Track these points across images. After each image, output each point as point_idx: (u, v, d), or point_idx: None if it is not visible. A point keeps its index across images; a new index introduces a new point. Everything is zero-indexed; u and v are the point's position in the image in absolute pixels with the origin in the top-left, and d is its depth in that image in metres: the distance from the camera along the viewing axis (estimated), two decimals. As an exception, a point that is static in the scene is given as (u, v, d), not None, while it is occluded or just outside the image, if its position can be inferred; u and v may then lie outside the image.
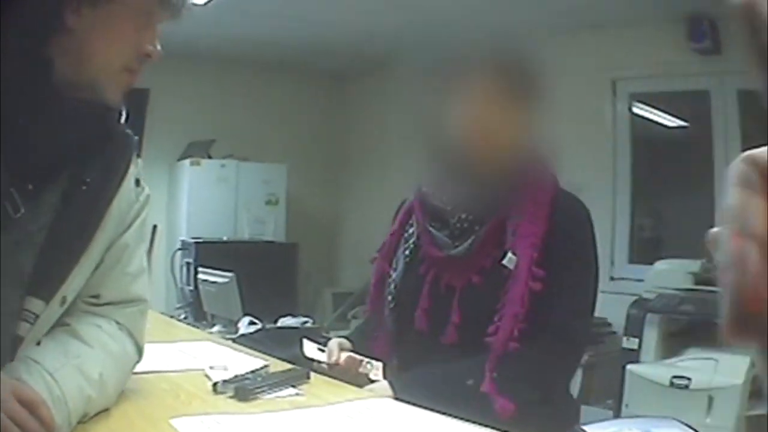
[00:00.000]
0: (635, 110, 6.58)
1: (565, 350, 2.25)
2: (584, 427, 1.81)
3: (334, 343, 2.46)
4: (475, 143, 2.25)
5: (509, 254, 2.18)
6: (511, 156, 2.26)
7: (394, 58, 7.76)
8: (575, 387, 5.60)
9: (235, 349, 2.58)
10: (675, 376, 4.71)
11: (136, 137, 1.84)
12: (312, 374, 2.12)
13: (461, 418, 1.76)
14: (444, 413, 1.80)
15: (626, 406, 4.95)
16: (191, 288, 6.59)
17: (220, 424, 1.63)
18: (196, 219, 7.57)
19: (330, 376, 2.23)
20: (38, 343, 1.61)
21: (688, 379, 4.65)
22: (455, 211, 2.32)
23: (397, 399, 2.02)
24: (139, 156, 1.84)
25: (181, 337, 2.83)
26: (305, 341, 2.50)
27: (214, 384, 1.91)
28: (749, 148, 0.51)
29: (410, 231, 2.49)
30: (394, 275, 2.48)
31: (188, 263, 6.93)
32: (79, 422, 1.57)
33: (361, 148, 8.92)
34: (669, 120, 6.74)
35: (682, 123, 6.76)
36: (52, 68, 1.60)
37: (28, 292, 1.59)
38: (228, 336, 4.33)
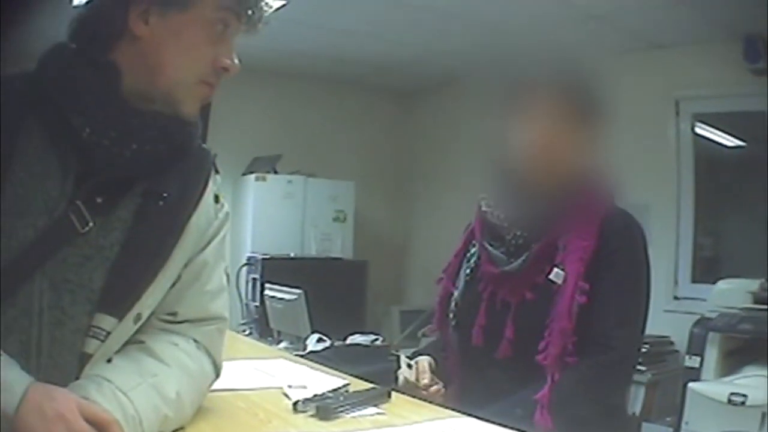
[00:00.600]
0: (697, 130, 6.52)
1: (613, 363, 2.25)
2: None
3: (424, 363, 2.49)
4: (536, 163, 2.31)
5: (556, 269, 2.23)
6: (570, 175, 2.32)
7: (462, 76, 7.81)
8: (637, 404, 5.60)
9: (312, 368, 2.51)
10: (732, 393, 4.67)
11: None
12: (393, 393, 2.05)
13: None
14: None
15: (686, 423, 4.93)
16: (257, 304, 6.56)
17: (302, 444, 1.57)
18: (261, 235, 7.53)
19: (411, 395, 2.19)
20: (109, 361, 1.56)
21: (744, 396, 4.61)
22: (511, 228, 2.37)
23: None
24: (217, 172, 1.80)
25: (251, 354, 2.79)
26: (402, 357, 2.52)
27: (295, 403, 1.85)
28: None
29: (472, 251, 2.55)
30: (455, 293, 2.53)
31: (254, 279, 6.87)
32: (154, 441, 1.52)
33: (429, 166, 8.88)
34: (728, 140, 6.68)
35: (740, 143, 6.70)
36: (118, 75, 1.58)
37: (99, 308, 1.54)
38: (295, 353, 4.29)
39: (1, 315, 1.46)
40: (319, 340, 4.98)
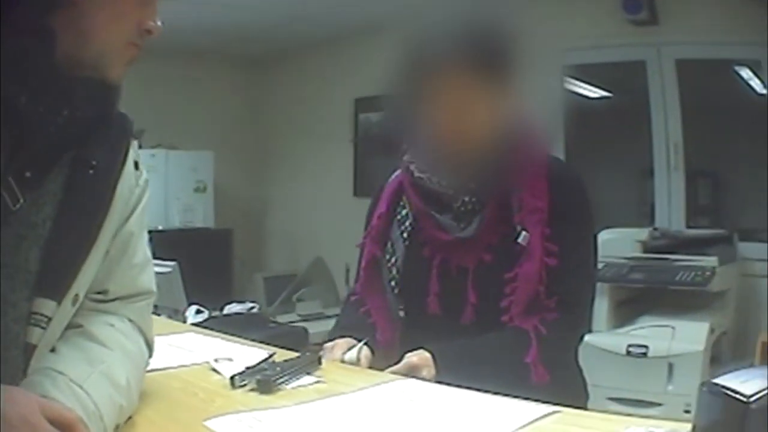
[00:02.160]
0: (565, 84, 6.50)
1: (580, 320, 2.30)
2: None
3: (368, 351, 2.27)
4: (460, 129, 2.19)
5: (524, 232, 2.16)
6: (498, 134, 2.21)
7: (315, 43, 7.77)
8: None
9: (226, 339, 2.45)
10: (631, 345, 4.70)
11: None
12: (323, 360, 2.04)
13: (493, 392, 1.73)
14: (476, 389, 1.76)
15: (584, 377, 4.93)
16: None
17: (262, 421, 1.53)
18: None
19: None
20: (53, 350, 1.46)
21: (646, 347, 4.64)
22: (458, 195, 2.27)
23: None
24: (135, 138, 1.72)
25: (158, 330, 2.69)
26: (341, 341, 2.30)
27: (232, 378, 1.80)
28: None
29: (403, 213, 2.42)
30: (393, 259, 2.40)
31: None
32: (109, 436, 1.43)
33: (285, 134, 8.94)
34: (591, 91, 6.78)
35: (605, 94, 6.82)
36: (54, 41, 1.47)
37: (37, 292, 1.43)
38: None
39: None
40: (198, 312, 4.89)
